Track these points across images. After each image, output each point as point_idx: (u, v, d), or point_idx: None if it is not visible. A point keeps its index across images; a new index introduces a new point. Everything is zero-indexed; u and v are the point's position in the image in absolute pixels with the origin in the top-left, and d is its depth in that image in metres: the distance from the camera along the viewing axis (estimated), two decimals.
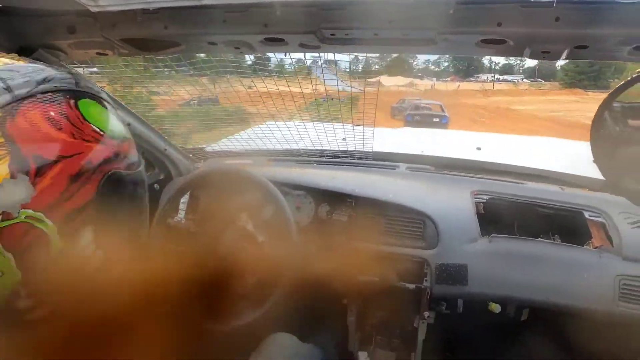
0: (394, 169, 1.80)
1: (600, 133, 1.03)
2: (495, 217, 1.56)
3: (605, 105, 0.97)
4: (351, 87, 1.43)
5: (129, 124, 1.40)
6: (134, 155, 0.59)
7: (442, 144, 2.30)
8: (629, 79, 0.89)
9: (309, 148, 1.89)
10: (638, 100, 1.00)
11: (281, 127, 1.81)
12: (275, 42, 0.88)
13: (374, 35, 0.82)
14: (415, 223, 1.54)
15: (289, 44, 0.89)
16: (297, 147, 1.90)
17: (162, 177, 1.77)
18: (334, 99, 1.65)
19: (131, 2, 0.78)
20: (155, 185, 1.75)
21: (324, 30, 0.82)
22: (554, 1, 0.63)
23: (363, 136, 1.76)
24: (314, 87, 1.55)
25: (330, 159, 1.92)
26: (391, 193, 1.60)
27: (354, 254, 1.54)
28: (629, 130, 1.04)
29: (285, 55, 1.02)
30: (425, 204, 1.56)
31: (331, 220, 1.63)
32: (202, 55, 1.36)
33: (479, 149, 2.01)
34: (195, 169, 1.84)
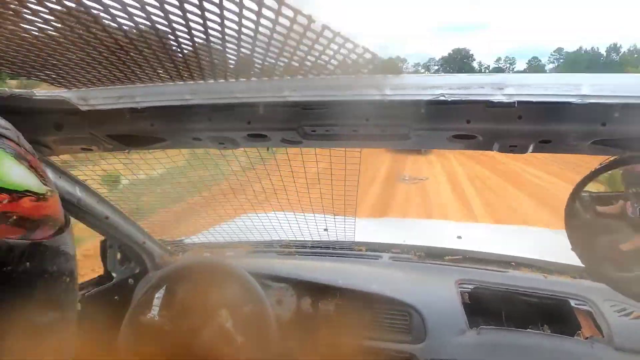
0: (377, 259, 1.78)
1: (573, 222, 1.06)
2: (482, 307, 1.52)
3: (574, 195, 1.01)
4: (332, 180, 1.46)
5: (107, 218, 1.37)
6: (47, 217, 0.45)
7: (423, 233, 2.32)
8: (594, 169, 0.94)
9: (290, 239, 1.88)
10: (604, 190, 1.05)
11: (262, 218, 1.81)
12: (258, 137, 0.91)
13: (353, 132, 0.86)
14: (401, 315, 1.49)
15: (272, 139, 0.93)
16: (278, 238, 1.88)
17: (137, 270, 1.70)
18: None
19: (120, 102, 0.82)
20: (130, 280, 1.68)
21: (305, 127, 0.86)
22: (514, 102, 0.69)
23: (344, 226, 1.77)
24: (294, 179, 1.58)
25: (312, 250, 1.90)
26: (375, 284, 1.56)
27: (338, 350, 1.45)
28: (600, 219, 1.07)
29: (268, 150, 1.06)
30: (411, 294, 1.52)
31: (314, 313, 1.57)
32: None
33: (459, 237, 2.02)
34: (173, 262, 1.78)
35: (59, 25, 0.57)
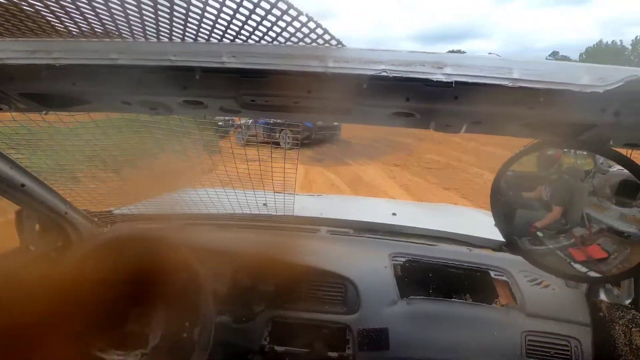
0: (315, 232, 1.81)
1: (498, 199, 1.13)
2: (412, 279, 1.61)
3: (500, 174, 1.08)
4: (271, 155, 1.45)
5: (22, 185, 1.25)
6: None
7: (361, 209, 2.38)
8: (520, 150, 1.00)
9: (229, 212, 1.84)
10: (528, 169, 1.13)
11: (201, 193, 1.76)
12: (195, 104, 0.86)
13: (294, 103, 0.84)
14: (337, 287, 1.53)
15: (209, 107, 0.88)
16: (216, 212, 1.84)
17: (60, 244, 1.58)
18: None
19: (34, 56, 0.73)
20: (52, 253, 1.56)
21: (244, 96, 0.83)
22: (453, 82, 0.71)
23: (284, 201, 1.76)
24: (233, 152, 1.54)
25: (251, 223, 1.88)
26: (313, 257, 1.59)
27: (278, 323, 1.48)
28: (521, 196, 1.17)
29: (205, 117, 1.01)
30: (346, 267, 1.56)
31: (252, 287, 1.56)
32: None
33: (394, 214, 2.10)
34: (100, 234, 1.68)
35: None
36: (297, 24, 0.68)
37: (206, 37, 0.77)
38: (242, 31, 0.74)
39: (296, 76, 0.75)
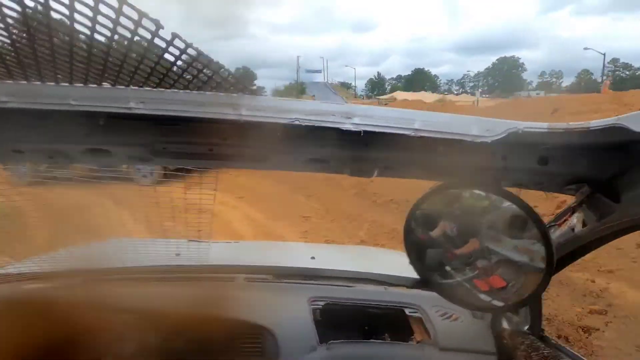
0: (232, 281, 1.73)
1: (410, 238, 1.20)
2: (332, 322, 1.60)
3: (411, 215, 1.15)
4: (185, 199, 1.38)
5: None
6: None
7: (279, 255, 2.35)
8: (427, 192, 1.09)
9: (138, 266, 1.70)
10: (435, 209, 1.22)
11: (105, 244, 1.61)
12: (99, 153, 0.80)
13: (209, 151, 0.83)
14: (254, 337, 1.47)
15: (116, 155, 0.83)
16: (122, 266, 1.68)
17: None
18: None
19: None
20: None
21: (156, 144, 0.79)
22: (361, 131, 0.75)
23: (198, 250, 1.68)
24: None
25: (163, 276, 1.74)
26: (228, 308, 1.51)
27: None
28: (430, 234, 1.25)
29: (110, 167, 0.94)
30: (264, 316, 1.51)
31: (162, 346, 1.42)
32: None
33: (313, 258, 2.11)
34: None
35: None
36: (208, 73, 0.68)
37: (112, 82, 0.74)
38: (152, 77, 0.71)
39: (210, 124, 0.74)
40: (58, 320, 1.19)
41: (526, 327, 1.50)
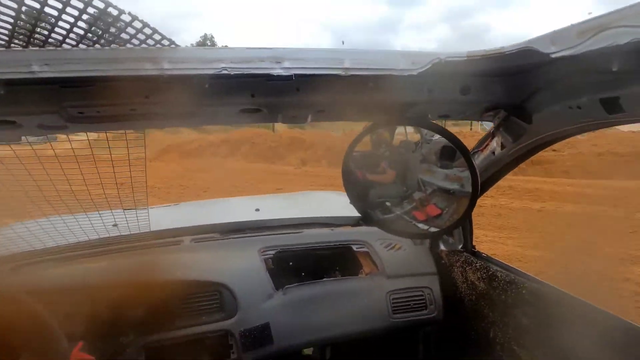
0: (178, 244, 1.70)
1: (349, 179, 1.24)
2: (285, 269, 1.66)
3: (347, 156, 1.19)
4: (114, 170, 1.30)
5: None
6: None
7: (223, 211, 2.33)
8: (360, 133, 1.11)
9: (73, 242, 1.61)
10: (370, 148, 1.26)
11: (29, 224, 1.49)
12: (4, 124, 0.73)
13: (131, 111, 0.78)
14: (211, 295, 1.48)
15: (24, 126, 0.75)
16: (55, 244, 1.58)
17: None
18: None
19: None
20: None
21: (69, 109, 0.73)
22: (292, 75, 0.74)
23: (137, 218, 1.61)
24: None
25: (103, 249, 1.67)
26: (180, 270, 1.50)
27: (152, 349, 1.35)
28: (367, 173, 1.30)
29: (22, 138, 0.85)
30: (217, 273, 1.52)
31: (115, 318, 1.39)
32: None
33: (257, 210, 2.12)
34: None
35: None
36: (120, 26, 0.62)
37: (4, 43, 0.65)
38: (53, 35, 0.64)
39: (129, 82, 0.68)
40: None
41: (460, 246, 1.65)
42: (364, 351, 1.72)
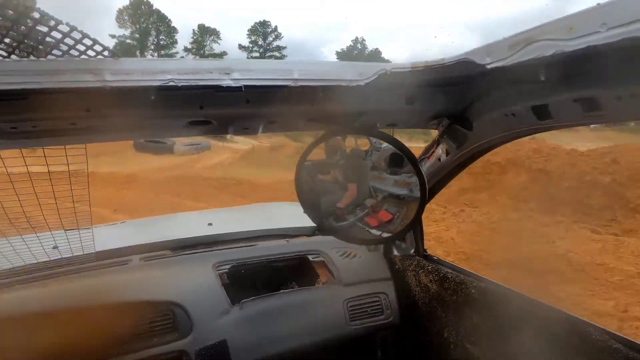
0: (126, 264, 1.62)
1: (302, 188, 1.25)
2: (240, 283, 1.62)
3: (299, 166, 1.19)
4: (52, 185, 1.22)
5: None
6: None
7: (173, 227, 2.25)
8: (311, 143, 1.13)
9: (5, 268, 1.48)
10: (322, 158, 1.27)
11: None
12: None
13: (71, 125, 0.74)
14: (164, 315, 1.42)
15: None
16: None
17: None
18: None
19: None
20: None
21: (1, 124, 0.68)
22: (242, 87, 0.74)
23: (80, 239, 1.51)
24: None
25: (43, 274, 1.55)
26: (128, 291, 1.42)
27: None
28: (320, 182, 1.31)
29: None
30: (169, 291, 1.46)
31: (60, 350, 1.29)
32: None
33: (210, 224, 2.07)
34: None
35: None
36: (56, 35, 0.59)
37: None
38: None
39: (68, 94, 0.65)
40: None
41: (412, 251, 1.70)
42: None
